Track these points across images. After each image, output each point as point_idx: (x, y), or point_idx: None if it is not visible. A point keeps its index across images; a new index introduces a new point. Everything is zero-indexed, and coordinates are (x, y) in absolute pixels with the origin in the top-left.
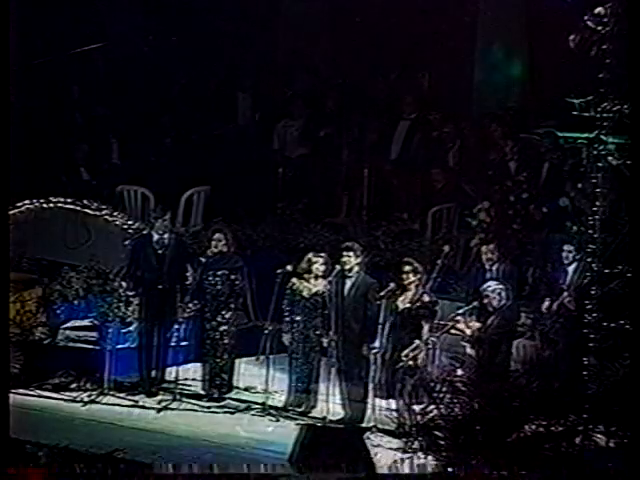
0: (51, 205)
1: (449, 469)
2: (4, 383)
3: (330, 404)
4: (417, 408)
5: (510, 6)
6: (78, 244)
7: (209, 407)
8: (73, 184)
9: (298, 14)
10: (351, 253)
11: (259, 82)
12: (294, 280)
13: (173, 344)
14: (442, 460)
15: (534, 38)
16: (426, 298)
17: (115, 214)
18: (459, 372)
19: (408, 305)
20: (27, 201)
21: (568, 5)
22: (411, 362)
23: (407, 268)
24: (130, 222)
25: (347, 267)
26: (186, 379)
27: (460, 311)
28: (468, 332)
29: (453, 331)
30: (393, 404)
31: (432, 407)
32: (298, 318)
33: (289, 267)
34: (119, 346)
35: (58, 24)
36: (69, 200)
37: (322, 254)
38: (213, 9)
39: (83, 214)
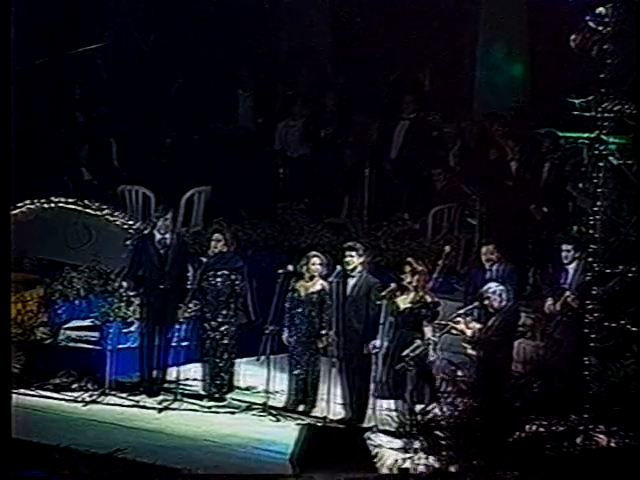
0: (52, 205)
1: (450, 469)
2: (6, 384)
3: (331, 404)
4: (418, 408)
5: (511, 6)
6: (79, 244)
7: (210, 407)
8: (74, 184)
9: (299, 14)
10: (354, 253)
11: (260, 82)
12: (294, 280)
13: (174, 344)
14: (443, 460)
15: (535, 38)
16: (428, 299)
17: (116, 214)
18: (460, 372)
19: (409, 305)
20: (28, 201)
21: (569, 5)
22: (412, 362)
23: (408, 268)
24: (131, 222)
25: (350, 267)
26: (187, 379)
27: (460, 311)
28: (468, 333)
29: (454, 331)
30: (394, 404)
31: (433, 407)
32: (298, 318)
33: (290, 267)
34: (120, 346)
35: (59, 24)
36: (70, 200)
37: (317, 253)
38: (214, 8)
39: (84, 214)
